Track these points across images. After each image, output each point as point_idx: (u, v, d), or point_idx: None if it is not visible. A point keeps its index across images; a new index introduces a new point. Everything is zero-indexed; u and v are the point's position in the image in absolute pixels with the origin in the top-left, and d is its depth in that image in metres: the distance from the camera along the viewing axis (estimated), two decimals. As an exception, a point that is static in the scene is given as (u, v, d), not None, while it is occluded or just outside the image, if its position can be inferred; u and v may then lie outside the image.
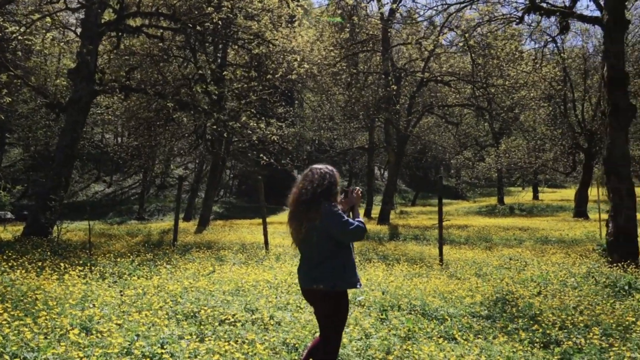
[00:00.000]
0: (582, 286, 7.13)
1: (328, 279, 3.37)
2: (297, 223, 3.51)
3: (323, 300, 3.42)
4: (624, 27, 9.49)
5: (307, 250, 3.53)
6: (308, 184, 3.50)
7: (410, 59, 25.21)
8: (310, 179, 3.53)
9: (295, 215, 3.52)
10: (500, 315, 5.64)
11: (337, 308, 3.42)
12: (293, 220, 3.56)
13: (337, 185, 3.55)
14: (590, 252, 10.70)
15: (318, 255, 3.43)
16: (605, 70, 9.42)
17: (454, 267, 8.97)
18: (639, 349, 4.38)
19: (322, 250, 3.42)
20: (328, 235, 3.38)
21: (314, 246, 3.44)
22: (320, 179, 3.51)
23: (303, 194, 3.49)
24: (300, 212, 3.48)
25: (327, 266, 3.40)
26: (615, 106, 9.15)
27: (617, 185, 8.90)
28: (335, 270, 3.39)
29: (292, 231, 3.58)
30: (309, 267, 3.48)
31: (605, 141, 9.23)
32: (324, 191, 3.47)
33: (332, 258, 3.41)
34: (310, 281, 3.44)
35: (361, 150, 37.80)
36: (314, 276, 3.42)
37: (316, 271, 3.41)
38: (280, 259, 9.73)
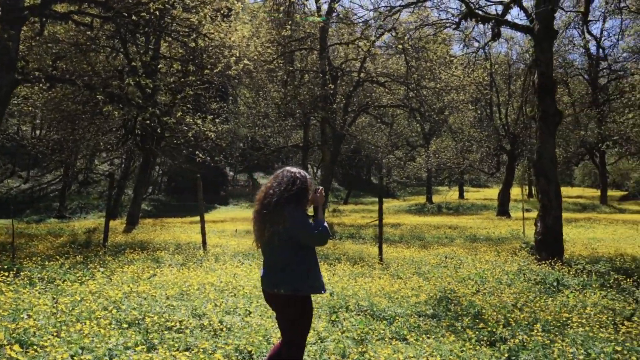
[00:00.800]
0: (515, 283, 7.47)
1: (290, 283, 3.29)
2: (260, 225, 3.40)
3: (286, 305, 3.32)
4: (553, 37, 10.05)
5: (269, 253, 3.42)
6: (276, 186, 3.40)
7: (347, 59, 25.47)
8: (279, 182, 3.42)
9: (259, 217, 3.41)
10: (445, 314, 5.78)
11: (300, 313, 3.34)
12: (257, 221, 3.44)
13: (307, 192, 3.45)
14: (519, 250, 11.25)
15: (281, 260, 3.34)
16: (536, 78, 9.94)
17: (394, 266, 9.12)
18: (576, 344, 4.62)
19: (285, 255, 3.33)
20: (291, 239, 3.30)
21: (277, 250, 3.35)
22: (290, 183, 3.41)
23: (269, 196, 3.39)
24: (264, 214, 3.36)
25: (290, 270, 3.31)
26: (544, 112, 9.68)
27: (545, 187, 9.43)
28: (298, 274, 3.31)
29: (255, 232, 3.46)
30: (272, 270, 3.38)
31: (535, 145, 9.73)
32: (292, 196, 3.37)
33: (295, 262, 3.32)
34: (272, 285, 3.34)
35: (296, 148, 37.78)
36: (276, 280, 3.32)
37: (279, 275, 3.32)
38: (219, 259, 9.49)
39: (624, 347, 4.41)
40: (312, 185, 3.52)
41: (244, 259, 9.65)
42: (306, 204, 3.45)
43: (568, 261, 9.10)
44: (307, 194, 3.44)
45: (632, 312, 5.74)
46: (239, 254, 10.21)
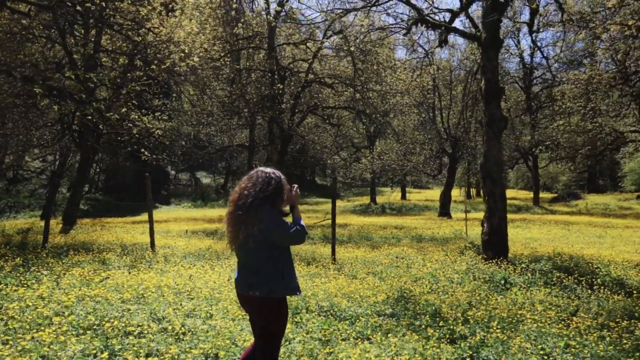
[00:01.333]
0: (465, 282, 7.73)
1: (265, 284, 3.25)
2: (235, 227, 3.33)
3: (261, 307, 3.27)
4: (498, 45, 10.48)
5: (244, 255, 3.37)
6: (251, 187, 3.34)
7: (295, 59, 25.46)
8: (254, 182, 3.37)
9: (234, 219, 3.34)
10: (404, 313, 5.89)
11: (275, 315, 3.29)
12: (231, 223, 3.36)
13: (283, 191, 3.42)
14: (465, 249, 11.63)
15: (255, 262, 3.29)
16: (483, 84, 10.33)
17: (347, 266, 9.20)
18: (530, 340, 4.84)
19: (260, 257, 3.28)
20: (266, 240, 3.26)
21: (251, 252, 3.29)
22: (265, 183, 3.37)
23: (244, 197, 3.32)
24: (238, 215, 3.30)
25: (265, 272, 3.27)
26: (491, 117, 10.07)
27: (492, 189, 9.82)
28: (273, 276, 3.27)
29: (229, 234, 3.38)
30: (246, 272, 3.32)
31: (481, 148, 10.11)
32: (267, 197, 3.33)
33: (270, 264, 3.29)
34: (246, 287, 3.28)
35: (241, 147, 37.39)
36: (250, 282, 3.27)
37: (253, 277, 3.27)
38: (169, 260, 9.23)
39: (576, 342, 4.66)
40: (286, 184, 3.50)
41: (196, 260, 9.43)
42: (281, 203, 3.43)
43: (512, 260, 9.53)
44: (282, 194, 3.42)
45: (576, 308, 6.07)
46: (189, 255, 9.97)
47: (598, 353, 4.44)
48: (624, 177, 45.27)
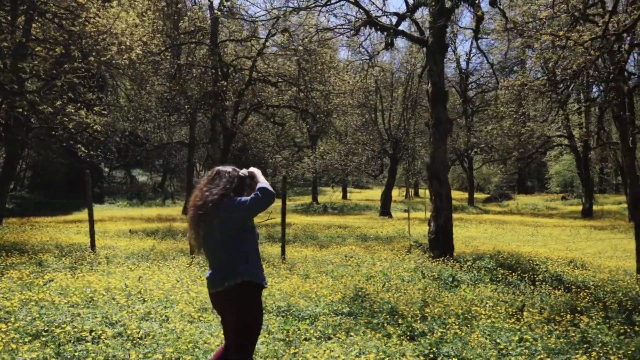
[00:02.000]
0: (415, 280, 7.91)
1: (234, 272, 3.19)
2: (195, 227, 3.26)
3: (233, 299, 3.18)
4: (444, 50, 10.80)
5: (211, 253, 3.30)
6: (213, 187, 3.28)
7: (238, 57, 25.11)
8: (217, 183, 3.31)
9: (194, 219, 3.25)
10: (361, 311, 5.93)
11: (250, 310, 3.23)
12: (192, 224, 3.28)
13: (244, 188, 3.38)
14: (410, 248, 11.88)
15: (224, 254, 3.23)
16: (430, 87, 10.61)
17: (298, 265, 9.16)
18: (485, 335, 5.01)
19: (227, 246, 3.23)
20: (230, 229, 3.21)
21: (220, 245, 3.24)
22: (229, 182, 3.31)
23: (205, 197, 3.25)
24: (199, 215, 3.22)
25: (232, 260, 3.22)
26: (437, 119, 10.36)
27: (438, 190, 10.10)
28: (238, 260, 3.23)
29: (192, 236, 3.29)
30: (218, 267, 3.24)
31: (429, 151, 10.40)
32: (226, 194, 3.28)
33: (234, 250, 3.24)
34: (220, 282, 3.20)
35: (180, 145, 36.41)
36: (223, 275, 3.20)
37: (225, 269, 3.21)
38: (112, 261, 8.83)
39: (529, 336, 4.87)
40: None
41: (140, 260, 9.07)
42: (242, 194, 3.35)
43: (457, 258, 9.84)
44: (243, 190, 3.37)
45: (523, 303, 6.35)
46: (133, 256, 9.58)
47: (549, 346, 4.65)
48: (549, 179, 48.04)
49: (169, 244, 11.99)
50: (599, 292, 7.10)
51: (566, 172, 43.02)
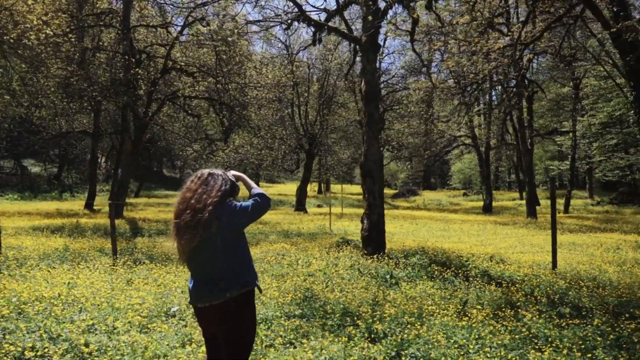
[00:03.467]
0: (355, 278, 7.93)
1: (244, 282, 3.03)
2: (190, 232, 2.97)
3: (237, 308, 2.98)
4: (377, 49, 10.94)
5: (207, 260, 3.04)
6: (210, 191, 3.05)
7: (152, 44, 23.81)
8: (211, 185, 3.11)
9: (189, 223, 2.96)
10: (313, 313, 5.82)
11: (252, 316, 3.09)
12: (185, 229, 2.97)
13: (236, 191, 3.20)
14: (338, 245, 11.92)
15: (228, 260, 3.03)
16: (363, 85, 10.69)
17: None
18: (442, 334, 5.11)
19: (230, 253, 3.04)
20: (229, 234, 3.03)
21: (220, 252, 3.01)
22: (222, 185, 3.10)
23: (202, 200, 2.99)
24: (198, 218, 2.95)
25: (239, 268, 3.06)
26: (370, 117, 10.48)
27: (371, 187, 10.23)
28: (241, 268, 3.09)
29: (184, 241, 2.98)
30: (216, 277, 2.98)
31: (363, 148, 10.49)
32: (224, 197, 3.06)
33: (237, 260, 3.08)
34: (220, 292, 2.96)
35: (82, 134, 33.89)
36: (224, 285, 2.99)
37: (227, 279, 3.00)
38: (24, 263, 7.97)
39: (481, 331, 5.03)
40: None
41: (57, 262, 8.27)
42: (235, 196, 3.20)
43: (389, 255, 10.03)
44: (235, 192, 3.19)
45: (465, 300, 6.58)
46: (47, 257, 8.72)
47: (504, 342, 4.84)
48: (451, 176, 50.94)
49: (83, 243, 11.08)
50: (525, 287, 7.55)
51: (467, 169, 45.89)
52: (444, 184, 53.67)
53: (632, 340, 5.05)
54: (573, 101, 29.84)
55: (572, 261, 10.08)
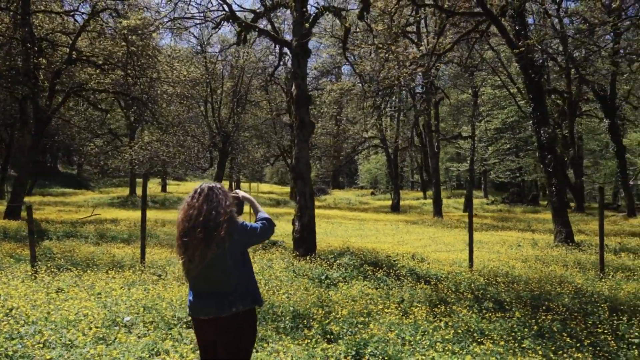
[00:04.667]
0: (292, 279, 8.10)
1: (247, 296, 3.12)
2: (202, 247, 3.00)
3: (243, 323, 3.08)
4: (308, 54, 11.17)
5: (214, 276, 3.10)
6: (217, 206, 3.10)
7: (54, 31, 22.19)
8: (218, 201, 3.14)
9: (200, 238, 2.99)
10: (264, 316, 5.91)
11: (254, 331, 3.18)
12: (198, 247, 3.00)
13: (239, 204, 3.30)
14: (267, 246, 11.93)
15: (233, 277, 3.10)
16: (294, 89, 10.87)
17: (168, 269, 8.64)
18: (391, 331, 5.45)
19: (237, 269, 3.13)
20: (240, 253, 3.14)
21: (230, 268, 3.07)
22: (224, 199, 3.17)
23: (212, 216, 3.04)
24: (210, 234, 2.99)
25: (244, 283, 3.14)
26: (301, 121, 10.69)
27: (303, 189, 10.44)
28: (250, 284, 3.19)
29: (195, 257, 3.01)
30: (221, 293, 3.07)
31: (294, 151, 10.67)
32: (231, 211, 3.15)
33: (244, 274, 3.17)
34: (227, 307, 3.04)
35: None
36: (230, 300, 3.05)
37: (233, 294, 3.07)
38: None
39: (426, 328, 5.44)
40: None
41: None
42: (239, 214, 3.28)
43: (319, 255, 10.30)
44: (241, 207, 3.30)
45: (402, 298, 7.01)
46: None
47: (446, 337, 5.27)
48: (359, 176, 52.60)
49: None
50: (450, 284, 8.17)
51: (375, 169, 47.69)
52: (352, 183, 55.34)
53: (552, 329, 5.72)
54: (472, 107, 32.24)
55: (484, 259, 10.99)
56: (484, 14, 14.00)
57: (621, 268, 9.82)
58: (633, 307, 6.72)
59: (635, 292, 7.71)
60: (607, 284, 8.27)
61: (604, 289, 7.96)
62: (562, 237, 13.22)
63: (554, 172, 13.64)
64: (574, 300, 7.15)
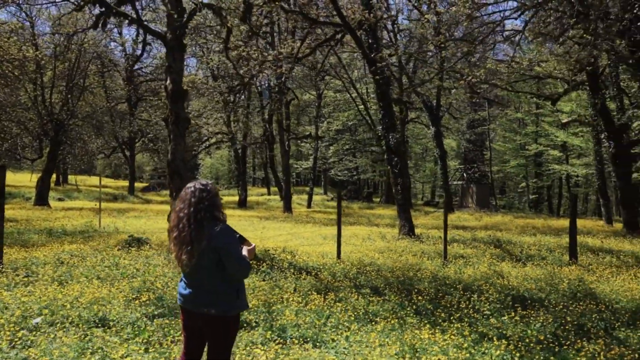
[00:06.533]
0: (174, 275, 8.11)
1: (221, 304, 3.26)
2: (184, 246, 3.15)
3: (216, 325, 3.23)
4: (184, 48, 11.04)
5: (197, 272, 3.21)
6: (200, 201, 3.23)
7: None
8: (189, 198, 3.28)
9: (186, 238, 3.14)
10: (175, 312, 5.97)
11: (227, 332, 3.32)
12: (183, 241, 3.14)
13: (218, 201, 3.40)
14: (128, 243, 11.48)
15: (212, 281, 3.24)
16: (169, 84, 10.68)
17: (36, 270, 7.96)
18: (301, 317, 5.97)
19: (217, 276, 3.25)
20: (220, 260, 3.23)
21: (206, 270, 3.20)
22: (207, 193, 3.30)
23: (199, 211, 3.17)
24: (193, 232, 3.14)
25: (222, 292, 3.27)
26: (177, 116, 10.56)
27: (179, 185, 10.29)
28: (228, 295, 3.29)
29: (184, 256, 3.13)
30: (200, 290, 3.23)
31: (170, 147, 10.49)
32: (208, 208, 3.27)
33: (226, 283, 3.28)
34: (202, 305, 3.20)
35: None
36: (206, 301, 3.22)
37: (210, 296, 3.23)
38: None
39: (330, 312, 6.08)
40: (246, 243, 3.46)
41: None
42: (220, 212, 3.37)
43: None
44: (218, 202, 3.39)
45: (295, 288, 7.56)
46: None
47: (352, 319, 5.97)
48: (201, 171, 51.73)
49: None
50: (327, 273, 8.94)
51: (218, 165, 47.35)
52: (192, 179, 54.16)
53: (428, 308, 6.78)
54: (316, 109, 34.10)
55: (346, 250, 12.06)
56: (343, 25, 15.18)
57: (457, 256, 11.65)
58: (478, 287, 8.20)
59: (474, 274, 9.34)
60: (452, 269, 9.83)
61: (450, 273, 9.46)
62: (406, 231, 15.03)
63: (400, 173, 15.42)
64: (432, 284, 8.43)
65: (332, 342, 5.17)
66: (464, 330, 5.72)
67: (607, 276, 9.47)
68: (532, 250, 12.76)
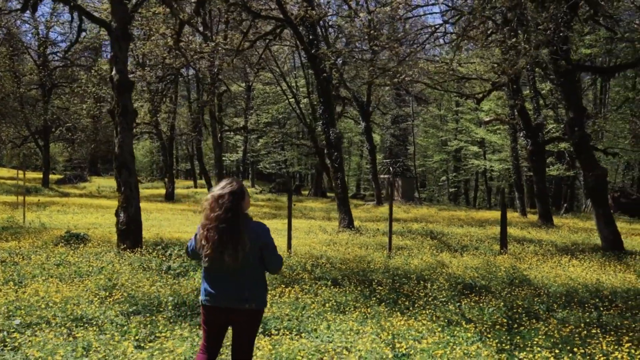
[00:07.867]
0: (139, 274, 7.91)
1: (260, 298, 3.41)
2: (232, 248, 3.23)
3: (253, 319, 3.37)
4: (129, 38, 10.68)
5: (240, 271, 3.32)
6: (238, 203, 3.33)
7: None
8: (237, 199, 3.40)
9: (227, 240, 3.21)
10: (145, 309, 5.92)
11: (259, 323, 3.51)
12: (225, 244, 3.20)
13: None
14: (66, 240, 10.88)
15: (255, 275, 3.38)
16: (115, 74, 10.30)
17: None
18: (275, 307, 6.14)
19: (258, 271, 3.41)
20: (260, 253, 3.36)
21: (251, 267, 3.34)
22: (241, 192, 3.38)
23: (230, 212, 3.26)
24: (236, 235, 3.22)
25: (261, 286, 3.43)
26: (124, 108, 10.21)
27: (128, 179, 10.00)
28: (265, 290, 3.49)
29: (229, 258, 3.20)
30: (241, 287, 3.30)
31: (116, 139, 10.14)
32: (243, 204, 3.39)
33: (262, 277, 3.46)
34: (242, 301, 3.32)
35: None
36: (246, 296, 3.34)
37: (250, 292, 3.35)
38: None
39: (302, 303, 6.31)
40: None
41: None
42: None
43: (146, 248, 10.05)
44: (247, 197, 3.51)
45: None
46: None
47: (321, 310, 6.23)
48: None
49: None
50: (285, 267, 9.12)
51: (141, 157, 45.48)
52: (110, 170, 51.60)
53: (391, 297, 7.19)
54: (246, 101, 33.78)
55: (293, 243, 12.28)
56: (285, 20, 15.29)
57: (399, 247, 12.26)
58: (428, 276, 8.75)
59: (421, 265, 9.92)
60: (399, 261, 10.37)
61: (398, 264, 9.98)
62: (346, 223, 15.52)
63: (339, 167, 15.85)
64: (385, 274, 8.88)
65: (315, 332, 5.40)
66: (432, 316, 6.17)
67: (535, 264, 10.43)
68: (465, 240, 13.68)
